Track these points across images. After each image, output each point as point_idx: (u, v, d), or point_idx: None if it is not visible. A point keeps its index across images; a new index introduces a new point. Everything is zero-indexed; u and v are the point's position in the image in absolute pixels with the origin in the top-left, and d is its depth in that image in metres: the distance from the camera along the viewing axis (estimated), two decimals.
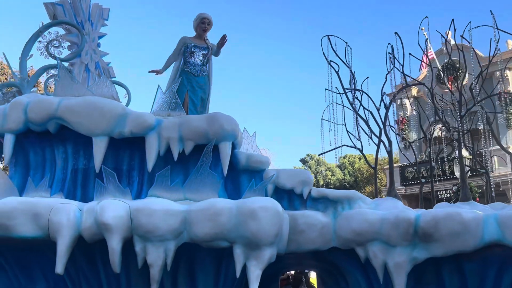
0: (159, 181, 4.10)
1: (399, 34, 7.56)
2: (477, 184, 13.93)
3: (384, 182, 29.39)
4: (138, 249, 3.64)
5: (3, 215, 3.69)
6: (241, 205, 3.64)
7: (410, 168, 19.48)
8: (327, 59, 6.50)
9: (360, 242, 4.04)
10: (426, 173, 18.71)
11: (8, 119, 4.49)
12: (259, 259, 3.62)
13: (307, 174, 4.55)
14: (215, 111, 4.51)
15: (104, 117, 4.33)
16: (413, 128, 21.28)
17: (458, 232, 3.78)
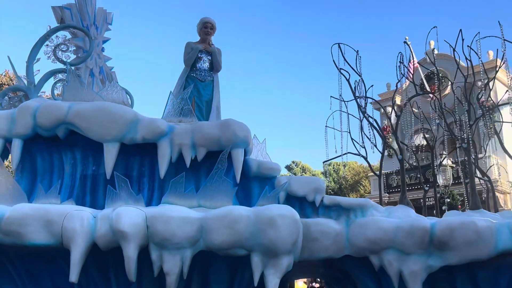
0: (173, 188, 4.05)
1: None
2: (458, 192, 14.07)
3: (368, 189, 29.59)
4: (154, 257, 3.58)
5: (14, 222, 3.61)
6: (259, 212, 3.61)
7: (394, 176, 19.67)
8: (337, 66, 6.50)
9: (375, 250, 4.04)
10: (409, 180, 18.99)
11: (16, 123, 4.42)
12: (277, 267, 3.59)
13: (319, 181, 4.54)
14: (228, 118, 4.49)
15: (115, 122, 4.28)
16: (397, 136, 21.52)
17: (473, 240, 3.80)
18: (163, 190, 4.50)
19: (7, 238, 3.65)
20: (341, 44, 6.84)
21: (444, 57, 21.08)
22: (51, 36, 4.98)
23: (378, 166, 30.41)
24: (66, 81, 4.87)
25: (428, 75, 21.32)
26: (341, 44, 6.84)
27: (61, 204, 4.06)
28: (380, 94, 23.06)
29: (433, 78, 21.08)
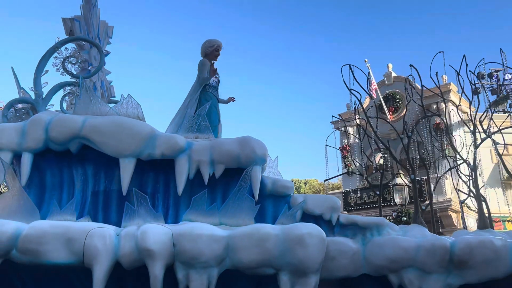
0: (195, 205, 3.99)
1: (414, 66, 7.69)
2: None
3: None
4: (180, 276, 3.49)
5: (33, 240, 3.46)
6: (288, 231, 3.59)
7: (353, 194, 20.13)
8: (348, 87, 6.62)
9: (394, 269, 4.07)
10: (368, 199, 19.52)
11: (27, 137, 4.27)
12: (306, 286, 3.57)
13: (335, 200, 4.57)
14: (246, 135, 4.47)
15: (133, 138, 4.20)
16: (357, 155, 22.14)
17: (491, 259, 3.90)
18: (179, 207, 4.43)
19: (24, 256, 3.49)
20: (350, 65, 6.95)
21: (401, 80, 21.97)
22: (60, 48, 4.85)
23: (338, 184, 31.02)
24: (76, 94, 4.74)
25: (386, 96, 22.03)
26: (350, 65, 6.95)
27: (77, 221, 3.91)
28: (341, 114, 23.76)
29: (391, 100, 21.88)
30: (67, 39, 5.09)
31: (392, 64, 23.83)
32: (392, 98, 22.35)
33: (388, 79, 23.10)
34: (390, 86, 22.74)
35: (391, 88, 22.53)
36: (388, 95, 22.28)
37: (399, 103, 21.91)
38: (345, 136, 22.97)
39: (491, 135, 7.58)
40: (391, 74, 23.18)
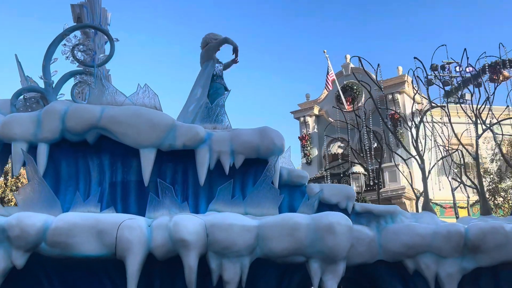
0: (221, 195, 4.01)
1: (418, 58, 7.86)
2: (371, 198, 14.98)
3: None
4: (214, 266, 3.52)
5: (63, 233, 3.40)
6: (318, 220, 3.67)
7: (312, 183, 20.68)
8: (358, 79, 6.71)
9: (411, 255, 4.24)
10: None
11: (42, 127, 4.15)
12: (336, 272, 3.67)
13: (350, 189, 4.69)
14: (264, 126, 4.50)
15: (153, 128, 4.15)
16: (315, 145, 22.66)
17: (502, 243, 4.12)
18: (198, 197, 4.43)
19: (54, 249, 3.43)
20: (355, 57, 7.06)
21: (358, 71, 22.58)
22: (68, 35, 4.69)
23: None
24: (87, 83, 4.62)
25: (344, 87, 22.56)
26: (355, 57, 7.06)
27: (102, 212, 3.86)
28: (300, 104, 24.22)
29: (349, 90, 22.46)
30: (76, 26, 4.92)
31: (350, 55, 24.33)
32: (350, 88, 22.88)
33: (346, 70, 23.54)
34: (348, 76, 23.24)
35: (349, 79, 23.05)
36: (346, 85, 22.78)
37: (357, 94, 22.51)
38: (304, 126, 23.45)
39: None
40: (349, 65, 23.65)
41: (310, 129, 23.71)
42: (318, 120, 23.98)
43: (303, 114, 23.95)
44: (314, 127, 23.84)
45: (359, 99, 22.35)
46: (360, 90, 21.98)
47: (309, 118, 23.93)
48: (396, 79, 21.60)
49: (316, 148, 23.20)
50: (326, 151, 21.53)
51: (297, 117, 24.38)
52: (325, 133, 19.67)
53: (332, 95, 23.14)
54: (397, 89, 21.18)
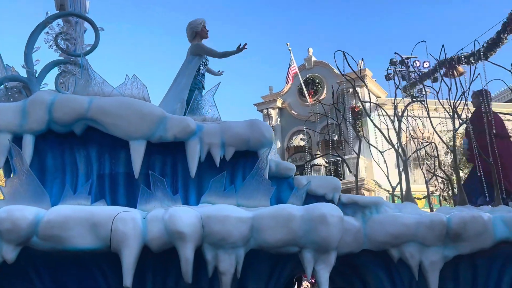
0: (213, 187, 4.01)
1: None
2: None
3: None
4: (209, 257, 3.54)
5: (56, 226, 3.33)
6: (311, 211, 3.73)
7: None
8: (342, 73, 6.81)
9: (396, 244, 4.37)
10: None
11: (28, 118, 4.03)
12: (328, 262, 3.75)
13: (337, 181, 4.78)
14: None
15: (144, 120, 4.11)
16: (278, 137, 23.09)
17: (481, 232, 4.32)
18: (187, 189, 4.42)
19: (46, 243, 3.36)
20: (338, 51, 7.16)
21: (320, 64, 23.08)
22: (51, 23, 4.53)
23: None
24: (72, 73, 4.50)
25: (306, 80, 22.97)
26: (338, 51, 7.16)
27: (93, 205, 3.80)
28: (263, 96, 24.55)
29: (311, 84, 22.91)
30: (59, 14, 4.76)
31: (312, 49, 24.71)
32: (312, 82, 23.29)
33: (308, 63, 23.91)
34: (311, 70, 23.63)
35: (311, 72, 23.45)
36: (308, 79, 23.17)
37: (319, 87, 22.96)
38: (267, 118, 23.74)
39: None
40: (311, 58, 24.04)
41: (273, 121, 23.99)
42: (281, 113, 24.29)
43: (266, 107, 24.23)
44: (277, 119, 24.16)
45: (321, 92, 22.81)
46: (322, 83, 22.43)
47: (272, 111, 24.23)
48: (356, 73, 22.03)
49: (279, 141, 23.46)
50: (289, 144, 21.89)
51: (260, 109, 24.63)
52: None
53: (295, 88, 23.47)
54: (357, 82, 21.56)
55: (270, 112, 24.17)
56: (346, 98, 18.83)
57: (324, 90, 22.61)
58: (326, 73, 23.10)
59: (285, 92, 24.02)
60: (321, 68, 23.58)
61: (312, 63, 23.84)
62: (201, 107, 4.67)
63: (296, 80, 23.29)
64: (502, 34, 15.66)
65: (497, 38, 15.73)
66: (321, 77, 23.28)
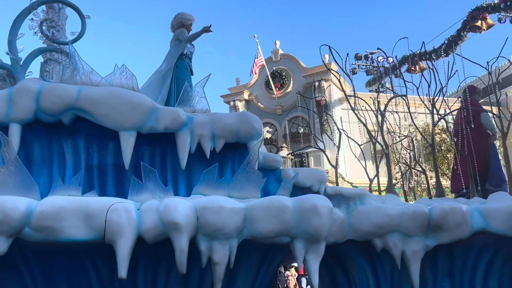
0: (205, 179, 4.03)
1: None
2: None
3: None
4: (203, 248, 3.56)
5: (49, 217, 3.27)
6: (303, 202, 3.81)
7: None
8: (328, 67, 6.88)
9: (380, 234, 4.52)
10: None
11: (15, 107, 3.93)
12: (318, 252, 3.84)
13: (323, 173, 4.89)
14: (243, 111, 4.58)
15: (135, 110, 4.08)
16: None
17: (460, 222, 4.52)
18: (177, 181, 4.42)
19: (39, 234, 3.30)
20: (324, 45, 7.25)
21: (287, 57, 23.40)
22: (36, 9, 4.38)
23: None
24: (58, 61, 4.40)
25: (273, 73, 23.22)
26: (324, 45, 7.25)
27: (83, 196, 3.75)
28: (230, 88, 24.72)
29: (277, 76, 23.21)
30: (44, 0, 4.63)
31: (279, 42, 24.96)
32: (279, 74, 23.55)
33: (275, 56, 24.14)
34: (277, 62, 23.87)
35: (278, 65, 23.69)
36: (275, 71, 23.39)
37: (285, 80, 23.24)
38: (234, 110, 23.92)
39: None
40: (278, 51, 24.25)
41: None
42: (248, 105, 24.44)
43: (233, 99, 24.36)
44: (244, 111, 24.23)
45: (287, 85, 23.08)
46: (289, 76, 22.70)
47: (239, 103, 24.35)
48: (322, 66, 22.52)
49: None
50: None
51: (227, 101, 24.73)
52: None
53: (261, 80, 23.66)
54: (323, 76, 22.03)
55: (237, 104, 24.28)
56: (316, 91, 19.19)
57: (291, 83, 22.88)
58: (292, 67, 23.39)
59: (252, 84, 24.16)
60: (288, 61, 23.84)
61: (279, 56, 24.05)
62: (191, 99, 4.67)
63: (263, 72, 23.42)
64: (462, 32, 16.28)
65: (457, 36, 16.34)
66: (288, 70, 23.55)
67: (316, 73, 21.73)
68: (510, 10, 16.15)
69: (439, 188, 5.76)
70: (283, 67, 23.72)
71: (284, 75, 23.54)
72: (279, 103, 22.47)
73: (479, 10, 16.10)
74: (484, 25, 16.27)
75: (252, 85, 24.17)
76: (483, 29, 16.32)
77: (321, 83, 22.09)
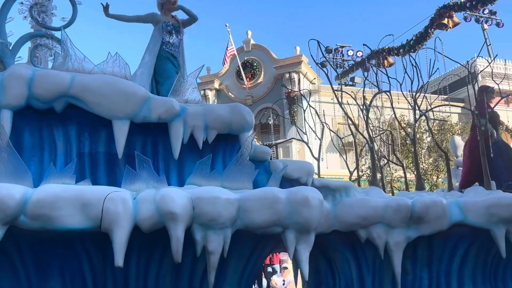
0: (199, 169, 4.08)
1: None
2: None
3: None
4: (198, 237, 3.62)
5: (45, 205, 3.26)
6: (295, 194, 3.91)
7: None
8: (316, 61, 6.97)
9: (364, 225, 4.69)
10: None
11: (6, 93, 3.86)
12: (308, 242, 3.96)
13: (310, 165, 5.00)
14: (235, 103, 4.62)
15: (129, 99, 4.08)
16: None
17: (440, 215, 4.73)
18: (169, 171, 4.45)
19: (34, 222, 3.29)
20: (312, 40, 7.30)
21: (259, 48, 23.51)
22: None
23: None
24: (48, 46, 4.32)
25: (244, 63, 23.27)
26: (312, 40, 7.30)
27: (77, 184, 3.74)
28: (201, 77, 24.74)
29: (249, 67, 23.29)
30: None
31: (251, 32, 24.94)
32: (250, 65, 23.58)
33: (247, 46, 24.13)
34: (249, 53, 23.88)
35: (249, 55, 23.71)
36: (246, 61, 23.40)
37: (256, 70, 23.31)
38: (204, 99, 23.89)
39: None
40: (250, 41, 24.25)
41: (210, 102, 24.08)
42: (218, 94, 24.37)
43: (203, 88, 24.24)
44: (214, 101, 24.33)
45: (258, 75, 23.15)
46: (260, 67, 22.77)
47: (209, 92, 24.31)
48: (293, 58, 22.68)
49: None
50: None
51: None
52: None
53: (232, 70, 23.61)
54: (294, 68, 22.22)
55: (207, 93, 24.18)
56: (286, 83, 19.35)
57: (262, 74, 22.96)
58: (264, 57, 23.42)
59: (223, 73, 24.05)
60: (259, 52, 23.84)
61: (251, 46, 24.00)
62: (183, 89, 4.67)
63: (234, 62, 23.34)
64: (429, 29, 16.72)
65: (424, 32, 16.78)
66: (259, 61, 23.56)
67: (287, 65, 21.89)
68: (476, 9, 16.71)
69: (419, 182, 5.99)
70: (255, 58, 23.69)
71: (255, 65, 23.52)
72: (249, 93, 22.51)
73: (446, 8, 16.55)
74: (450, 23, 16.74)
75: (223, 74, 24.05)
76: (450, 26, 16.78)
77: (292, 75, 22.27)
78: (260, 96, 22.66)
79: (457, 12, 16.81)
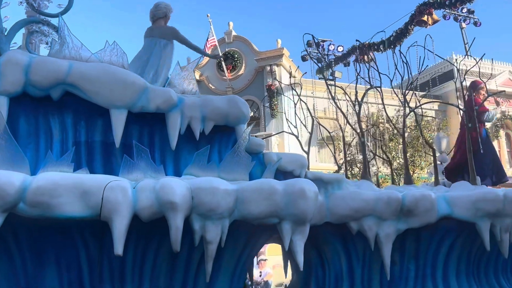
0: (197, 160, 4.10)
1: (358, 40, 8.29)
2: None
3: None
4: (197, 227, 3.66)
5: (45, 193, 3.25)
6: (292, 185, 3.97)
7: None
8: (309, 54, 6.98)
9: (356, 218, 4.79)
10: None
11: (2, 79, 3.81)
12: (303, 233, 4.03)
13: (304, 158, 5.07)
14: (232, 95, 4.65)
15: (127, 89, 4.07)
16: None
17: (429, 208, 4.87)
18: (165, 161, 4.46)
19: (33, 210, 3.27)
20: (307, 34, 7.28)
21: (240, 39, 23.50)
22: None
23: None
24: (44, 33, 4.26)
25: (225, 54, 23.22)
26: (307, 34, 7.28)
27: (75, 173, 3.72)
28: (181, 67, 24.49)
29: (230, 58, 23.25)
30: None
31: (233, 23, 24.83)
32: (231, 56, 23.47)
33: (228, 38, 24.01)
34: (230, 44, 23.77)
35: (231, 46, 23.60)
36: (227, 53, 23.30)
37: (237, 62, 23.25)
38: None
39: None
40: (231, 32, 24.14)
41: None
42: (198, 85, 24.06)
43: None
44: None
45: (239, 67, 23.10)
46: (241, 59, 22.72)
47: None
48: (274, 51, 22.68)
49: None
50: None
51: None
52: None
53: (213, 61, 23.40)
54: (275, 61, 22.26)
55: None
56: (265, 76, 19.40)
57: (243, 66, 22.90)
58: (245, 49, 23.30)
59: (203, 64, 23.77)
60: (240, 43, 23.71)
61: (232, 37, 23.83)
62: (181, 80, 4.67)
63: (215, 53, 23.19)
64: (409, 26, 16.96)
65: (404, 29, 17.03)
66: (240, 53, 23.44)
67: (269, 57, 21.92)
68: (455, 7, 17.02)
69: (407, 176, 6.13)
70: (236, 49, 23.52)
71: (236, 57, 23.36)
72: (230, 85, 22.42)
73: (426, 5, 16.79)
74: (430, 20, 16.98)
75: (204, 65, 23.77)
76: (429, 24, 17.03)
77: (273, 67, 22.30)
78: (241, 88, 22.53)
79: (437, 9, 17.05)
